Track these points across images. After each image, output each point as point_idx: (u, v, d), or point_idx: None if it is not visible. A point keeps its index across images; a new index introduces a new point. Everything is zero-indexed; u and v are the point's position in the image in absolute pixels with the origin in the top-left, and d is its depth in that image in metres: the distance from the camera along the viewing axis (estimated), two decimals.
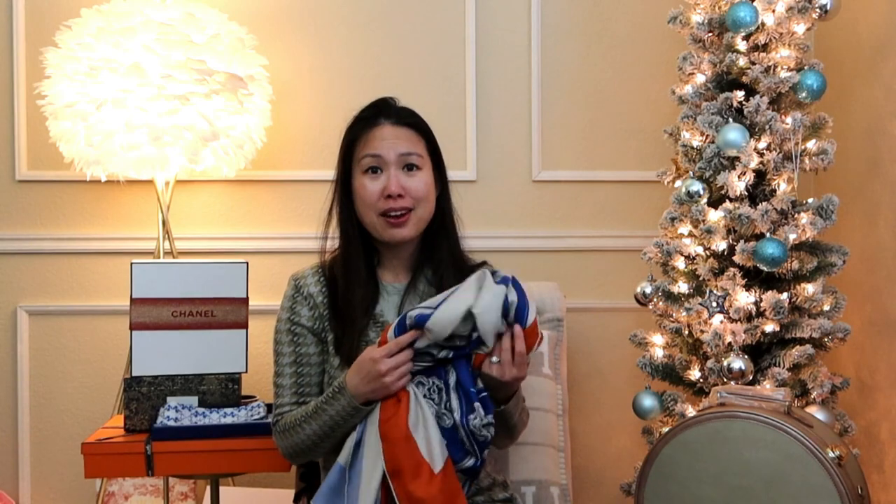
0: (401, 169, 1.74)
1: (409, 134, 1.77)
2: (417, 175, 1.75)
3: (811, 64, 2.14)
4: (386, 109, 1.79)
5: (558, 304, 2.38)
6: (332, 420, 1.65)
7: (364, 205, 1.75)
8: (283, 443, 1.75)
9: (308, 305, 1.78)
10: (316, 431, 1.68)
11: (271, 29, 2.62)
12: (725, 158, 2.11)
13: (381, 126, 1.76)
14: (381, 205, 1.72)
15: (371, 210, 1.74)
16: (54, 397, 2.62)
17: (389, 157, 1.73)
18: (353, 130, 1.79)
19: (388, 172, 1.73)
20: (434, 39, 2.67)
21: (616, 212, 2.69)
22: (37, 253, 2.62)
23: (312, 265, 1.84)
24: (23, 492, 2.61)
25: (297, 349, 1.77)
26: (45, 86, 2.32)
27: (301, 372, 1.76)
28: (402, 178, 1.73)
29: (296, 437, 1.71)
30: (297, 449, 1.72)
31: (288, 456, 1.77)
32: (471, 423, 1.58)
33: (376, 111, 1.79)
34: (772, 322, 2.05)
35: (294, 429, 1.71)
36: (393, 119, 1.77)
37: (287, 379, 1.76)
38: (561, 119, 2.69)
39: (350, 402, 1.62)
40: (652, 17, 2.64)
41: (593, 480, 2.68)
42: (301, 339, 1.77)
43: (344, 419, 1.64)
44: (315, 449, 1.72)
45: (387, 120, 1.77)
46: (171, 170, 2.33)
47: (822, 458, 1.65)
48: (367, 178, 1.74)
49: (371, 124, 1.77)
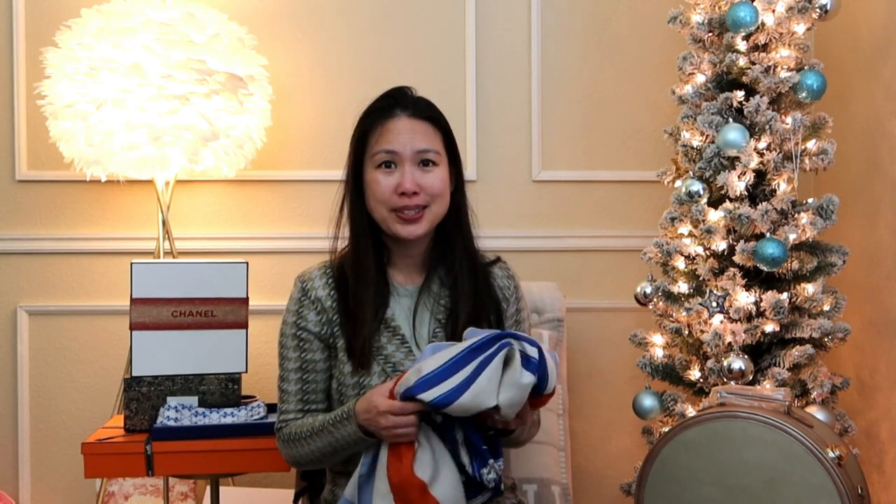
0: (416, 165, 1.66)
1: (426, 128, 1.68)
2: (433, 171, 1.67)
3: (811, 64, 2.15)
4: (402, 100, 1.70)
5: (558, 304, 2.38)
6: (338, 443, 1.62)
7: (376, 200, 1.67)
8: (287, 451, 1.72)
9: (315, 310, 1.71)
10: (321, 448, 1.65)
11: (271, 29, 2.62)
12: (725, 158, 2.11)
13: (396, 118, 1.67)
14: (395, 201, 1.65)
15: (383, 206, 1.66)
16: (54, 397, 2.62)
17: (405, 152, 1.64)
18: (367, 121, 1.69)
19: (403, 168, 1.64)
20: (434, 39, 2.67)
21: (616, 212, 2.69)
22: (37, 253, 2.62)
23: (319, 265, 1.77)
24: (23, 492, 2.61)
25: (303, 355, 1.72)
26: (45, 86, 2.32)
27: (307, 379, 1.72)
28: (417, 174, 1.65)
29: (301, 449, 1.68)
30: (301, 460, 1.70)
31: (292, 464, 1.75)
32: (484, 477, 1.54)
33: (392, 101, 1.69)
34: (772, 322, 2.05)
35: (299, 441, 1.68)
36: (409, 111, 1.68)
37: (292, 385, 1.72)
38: (561, 119, 2.69)
39: (356, 433, 1.58)
40: (652, 17, 2.64)
41: (593, 480, 2.68)
42: (307, 344, 1.72)
43: (349, 444, 1.61)
44: (320, 462, 1.70)
45: (403, 112, 1.67)
46: (171, 170, 2.33)
47: (822, 458, 1.65)
48: (380, 172, 1.66)
49: (386, 115, 1.67)
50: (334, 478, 1.76)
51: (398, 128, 1.67)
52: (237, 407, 2.13)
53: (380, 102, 1.71)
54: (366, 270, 1.69)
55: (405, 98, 1.71)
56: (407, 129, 1.66)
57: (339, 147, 2.74)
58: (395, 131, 1.66)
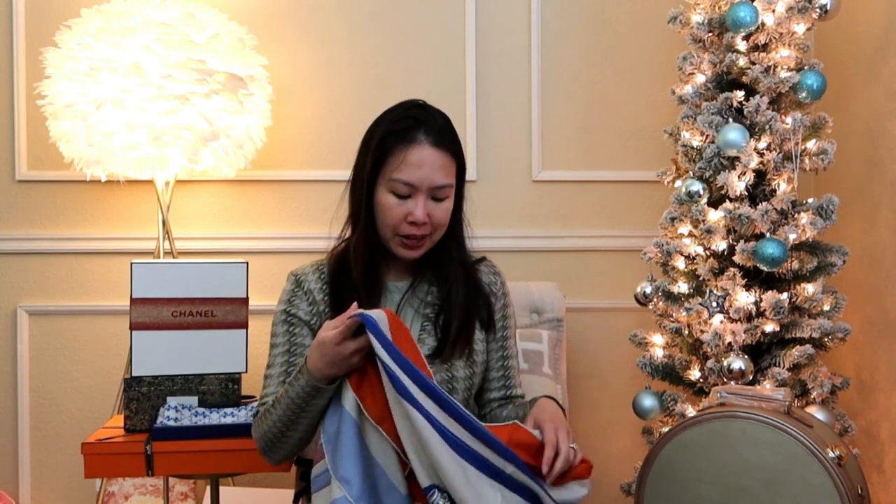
0: (429, 197, 1.67)
1: (446, 161, 1.67)
2: (444, 203, 1.69)
3: (811, 64, 2.15)
4: (427, 123, 1.67)
5: (558, 304, 2.38)
6: (294, 403, 1.59)
7: (383, 223, 1.69)
8: (256, 432, 1.69)
9: (307, 301, 1.75)
10: (281, 417, 1.62)
11: (271, 29, 2.62)
12: (725, 158, 2.11)
13: (419, 146, 1.65)
14: (403, 229, 1.67)
15: (389, 229, 1.68)
16: (54, 397, 2.62)
17: (422, 185, 1.65)
18: (388, 142, 1.67)
19: (417, 200, 1.65)
20: (434, 40, 2.67)
21: (616, 212, 2.69)
22: (37, 253, 2.62)
23: (313, 262, 1.80)
24: (23, 492, 2.61)
25: (292, 339, 1.74)
26: (45, 86, 2.32)
27: (292, 361, 1.72)
28: (430, 206, 1.67)
29: (264, 424, 1.66)
30: (266, 439, 1.67)
31: (262, 450, 1.70)
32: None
33: (414, 123, 1.67)
34: (772, 322, 2.05)
35: (265, 415, 1.66)
36: (433, 138, 1.66)
37: (277, 368, 1.72)
38: (561, 119, 2.69)
39: (309, 381, 1.56)
40: (652, 17, 2.64)
41: (593, 480, 2.66)
42: (297, 329, 1.74)
43: (304, 400, 1.58)
44: (282, 439, 1.66)
45: (426, 138, 1.65)
46: (171, 170, 2.33)
47: (822, 458, 1.65)
48: (392, 198, 1.66)
49: (408, 141, 1.65)
50: None
51: (420, 160, 1.65)
52: (237, 407, 2.13)
53: (401, 123, 1.68)
54: (371, 258, 1.71)
55: (429, 121, 1.68)
56: (428, 163, 1.65)
57: (339, 147, 2.74)
58: (416, 164, 1.65)
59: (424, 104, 1.73)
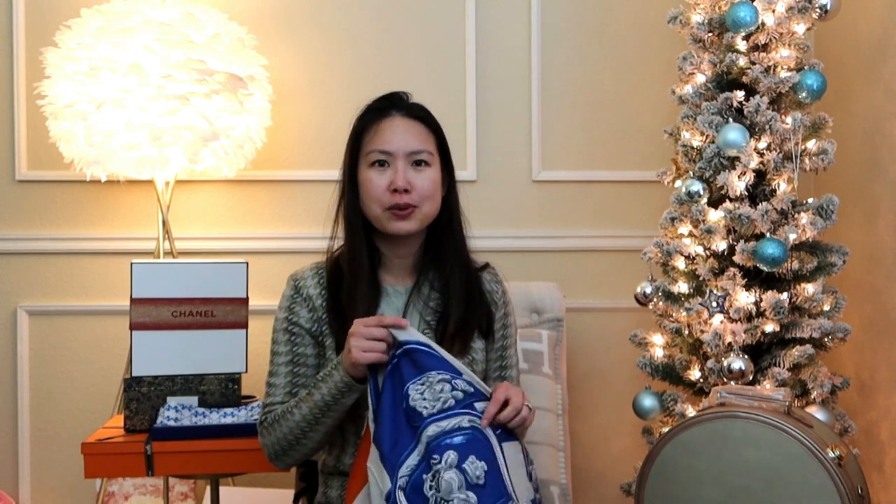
0: (409, 164, 1.70)
1: (420, 129, 1.72)
2: (425, 171, 1.71)
3: (811, 64, 2.15)
4: (398, 102, 1.75)
5: (558, 304, 2.38)
6: (322, 400, 1.60)
7: (369, 198, 1.70)
8: (268, 438, 1.69)
9: (307, 307, 1.74)
10: (305, 417, 1.63)
11: (271, 29, 2.62)
12: (725, 158, 2.11)
13: (391, 118, 1.72)
14: (387, 199, 1.68)
15: (376, 204, 1.69)
16: (54, 397, 2.62)
17: (398, 152, 1.68)
18: (363, 121, 1.74)
19: (396, 166, 1.69)
20: (434, 39, 2.67)
21: (616, 212, 2.69)
22: (37, 253, 2.62)
23: (311, 265, 1.80)
24: (23, 492, 2.61)
25: (295, 349, 1.73)
26: (45, 86, 2.32)
27: (297, 372, 1.72)
28: (409, 173, 1.69)
29: (284, 426, 1.65)
30: (281, 444, 1.67)
31: (272, 454, 1.71)
32: None
33: (388, 103, 1.74)
34: (772, 322, 2.05)
35: (283, 417, 1.66)
36: (404, 111, 1.73)
37: (281, 378, 1.72)
38: (561, 119, 2.69)
39: (342, 378, 1.58)
40: (652, 17, 2.64)
41: (593, 480, 2.68)
42: (298, 339, 1.73)
43: (335, 398, 1.59)
44: (300, 443, 1.66)
45: (398, 112, 1.72)
46: (171, 170, 2.33)
47: (822, 458, 1.65)
48: (373, 171, 1.70)
49: (381, 115, 1.72)
50: (326, 479, 1.76)
51: (393, 127, 1.71)
52: (237, 407, 2.13)
53: (376, 104, 1.76)
54: (360, 266, 1.72)
55: (401, 101, 1.76)
56: (401, 129, 1.71)
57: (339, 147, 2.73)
58: (389, 131, 1.71)
59: (398, 91, 1.78)
